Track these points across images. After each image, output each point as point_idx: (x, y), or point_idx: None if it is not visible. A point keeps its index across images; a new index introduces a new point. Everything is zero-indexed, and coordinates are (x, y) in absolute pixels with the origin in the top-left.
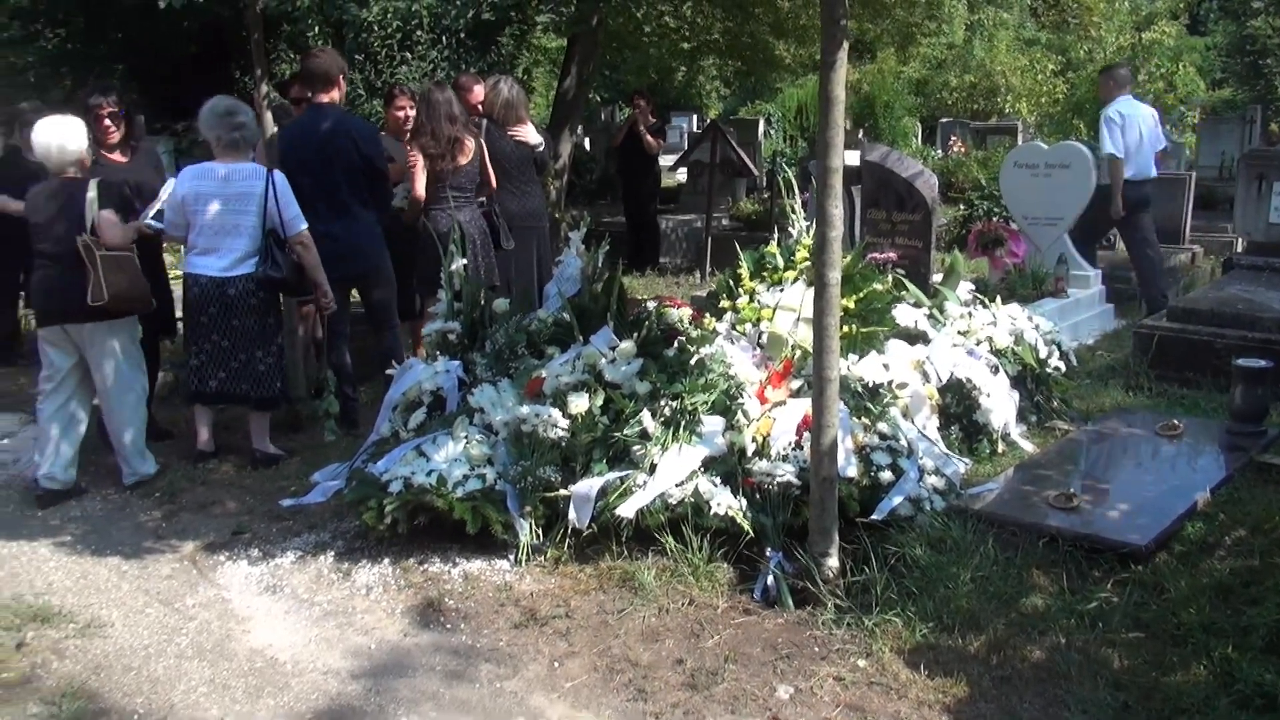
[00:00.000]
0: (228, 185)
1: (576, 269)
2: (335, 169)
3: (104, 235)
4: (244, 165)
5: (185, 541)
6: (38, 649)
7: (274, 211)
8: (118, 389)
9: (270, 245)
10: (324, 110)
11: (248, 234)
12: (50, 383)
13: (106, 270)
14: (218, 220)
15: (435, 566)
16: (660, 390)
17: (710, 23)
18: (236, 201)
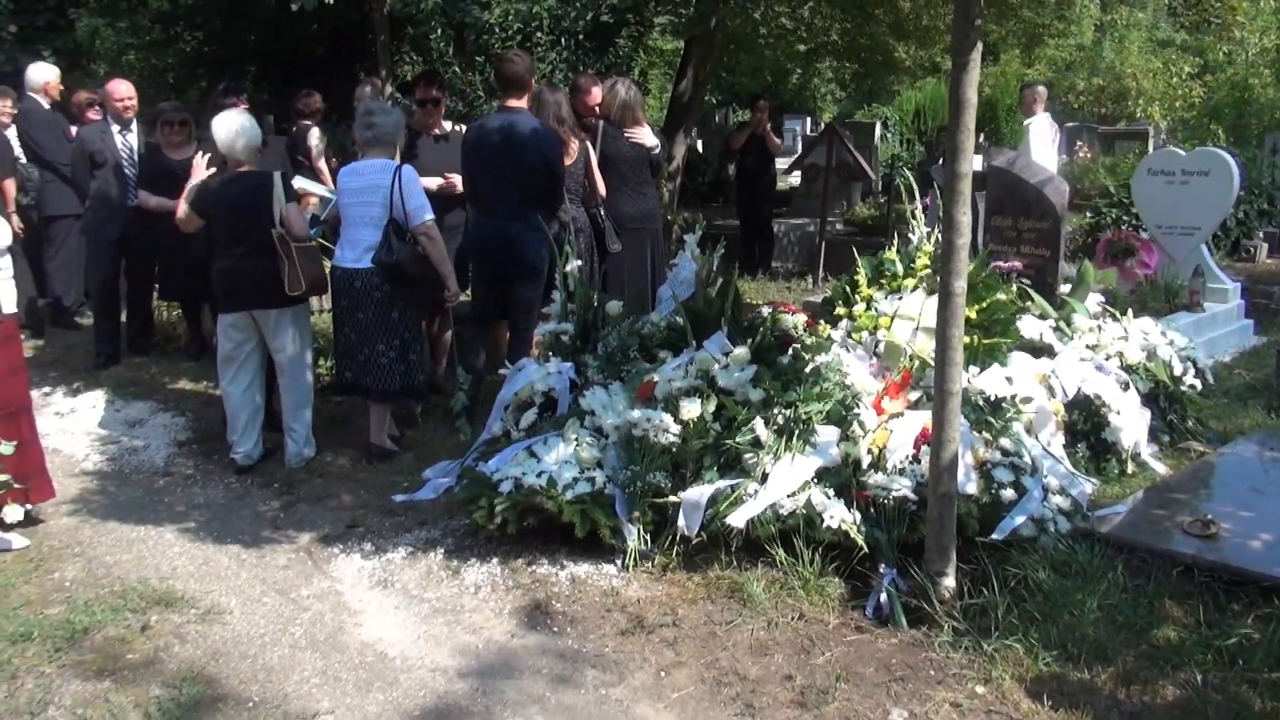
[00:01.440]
0: (360, 179)
1: (691, 272)
2: (515, 170)
3: (292, 227)
4: (375, 161)
5: (302, 532)
6: (161, 632)
7: (398, 203)
8: (297, 370)
9: (389, 234)
10: (512, 113)
11: (374, 225)
12: (232, 365)
13: (301, 260)
14: (352, 214)
15: (543, 568)
16: (774, 398)
17: (828, 24)
18: (366, 194)
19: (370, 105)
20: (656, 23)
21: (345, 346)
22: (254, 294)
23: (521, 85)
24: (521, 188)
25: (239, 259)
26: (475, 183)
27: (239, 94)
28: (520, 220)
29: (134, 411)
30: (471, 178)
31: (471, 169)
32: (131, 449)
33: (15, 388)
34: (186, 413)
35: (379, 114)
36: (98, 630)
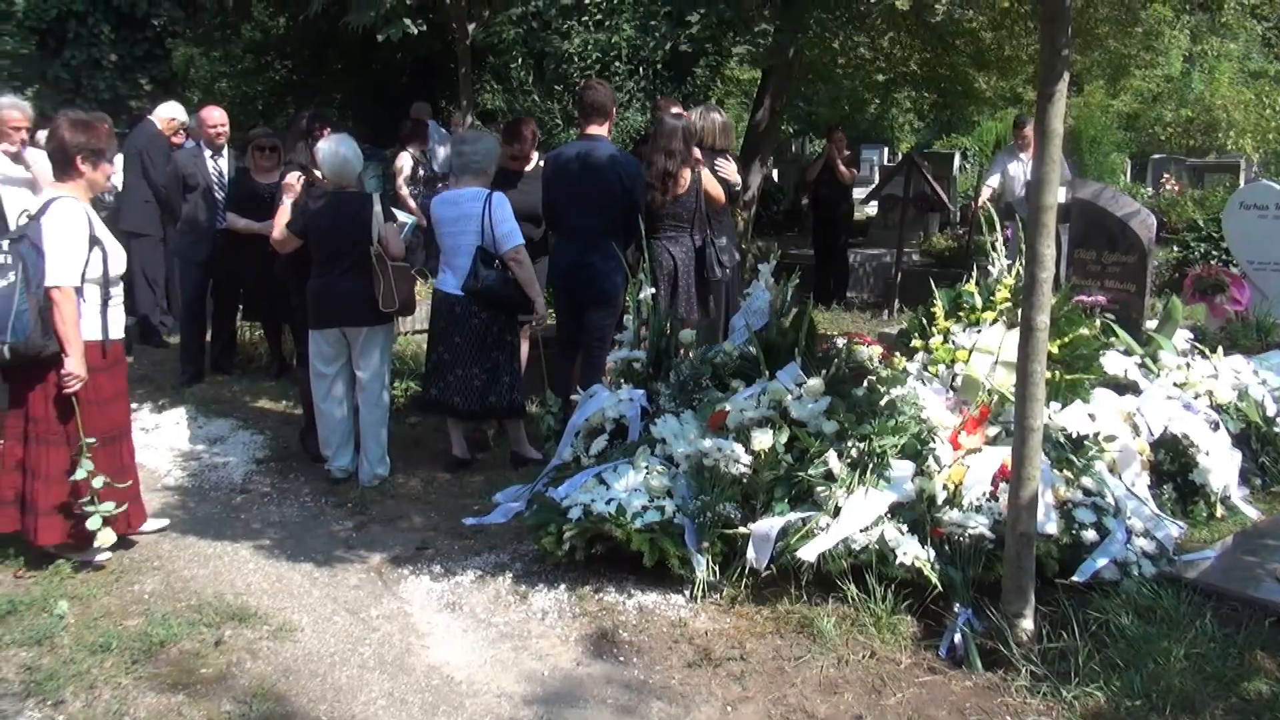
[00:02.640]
0: (455, 208)
1: (765, 302)
2: (595, 197)
3: (390, 247)
4: (468, 190)
5: (373, 553)
6: (234, 647)
7: (488, 229)
8: (377, 389)
9: (476, 261)
10: (591, 141)
11: (468, 252)
12: (325, 382)
13: (396, 279)
14: (449, 242)
15: (610, 596)
16: (847, 430)
17: (908, 54)
18: (461, 223)
19: (466, 135)
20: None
21: (436, 365)
22: (347, 312)
23: (603, 113)
24: (599, 215)
25: (335, 278)
26: (555, 210)
27: (324, 121)
28: (596, 248)
29: (215, 429)
30: (551, 205)
31: (551, 196)
32: (212, 465)
33: (120, 411)
34: (265, 431)
35: (470, 142)
36: (174, 644)
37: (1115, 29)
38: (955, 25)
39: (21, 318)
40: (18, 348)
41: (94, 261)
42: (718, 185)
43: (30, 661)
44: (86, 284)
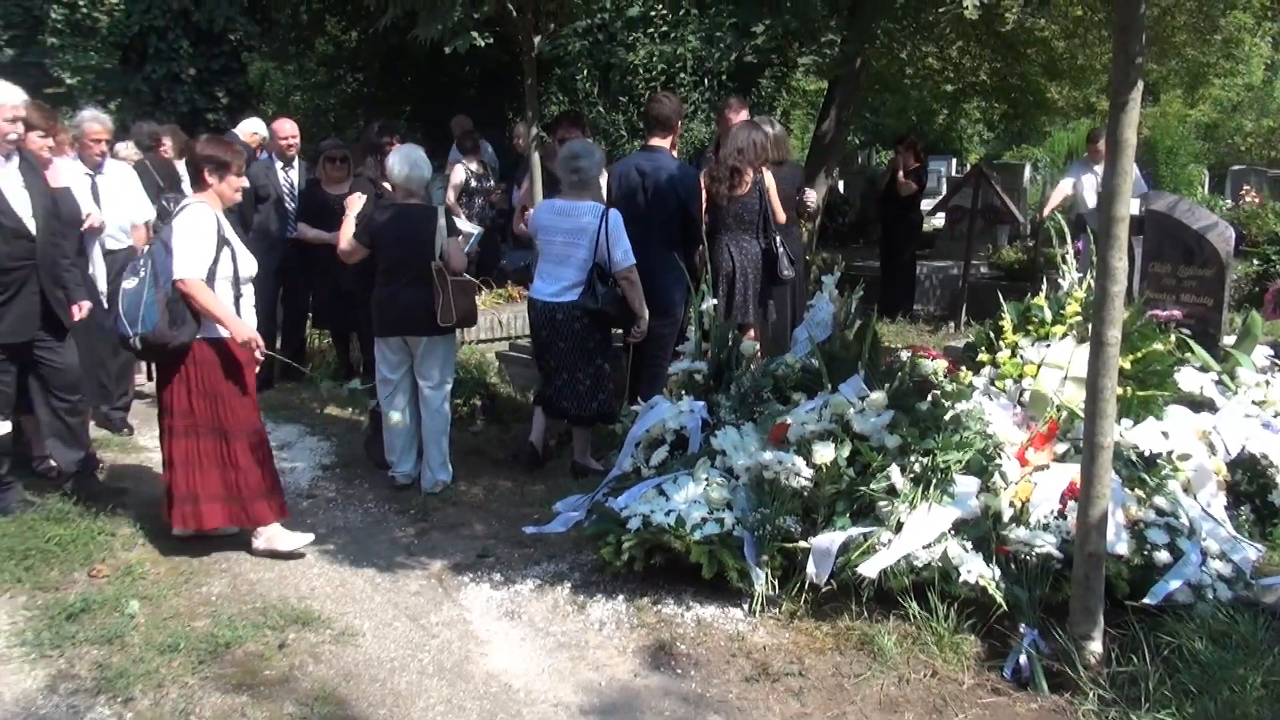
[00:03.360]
0: (567, 219)
1: (828, 314)
2: (653, 208)
3: (451, 261)
4: (584, 203)
5: (434, 560)
6: (297, 651)
7: (604, 246)
8: (439, 398)
9: (593, 278)
10: (653, 152)
11: (577, 265)
12: (389, 388)
13: (456, 294)
14: (556, 250)
15: (668, 608)
16: (911, 445)
17: (977, 64)
18: (573, 235)
19: (575, 147)
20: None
21: (546, 371)
22: (408, 322)
23: (667, 125)
24: (659, 225)
25: (398, 288)
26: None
27: (393, 133)
28: (656, 258)
29: (284, 434)
30: None
31: (613, 206)
32: (279, 470)
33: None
34: (332, 437)
35: (584, 157)
36: (239, 645)
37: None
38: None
39: (150, 310)
40: (147, 338)
41: (224, 261)
42: (776, 201)
43: (102, 659)
44: (218, 282)
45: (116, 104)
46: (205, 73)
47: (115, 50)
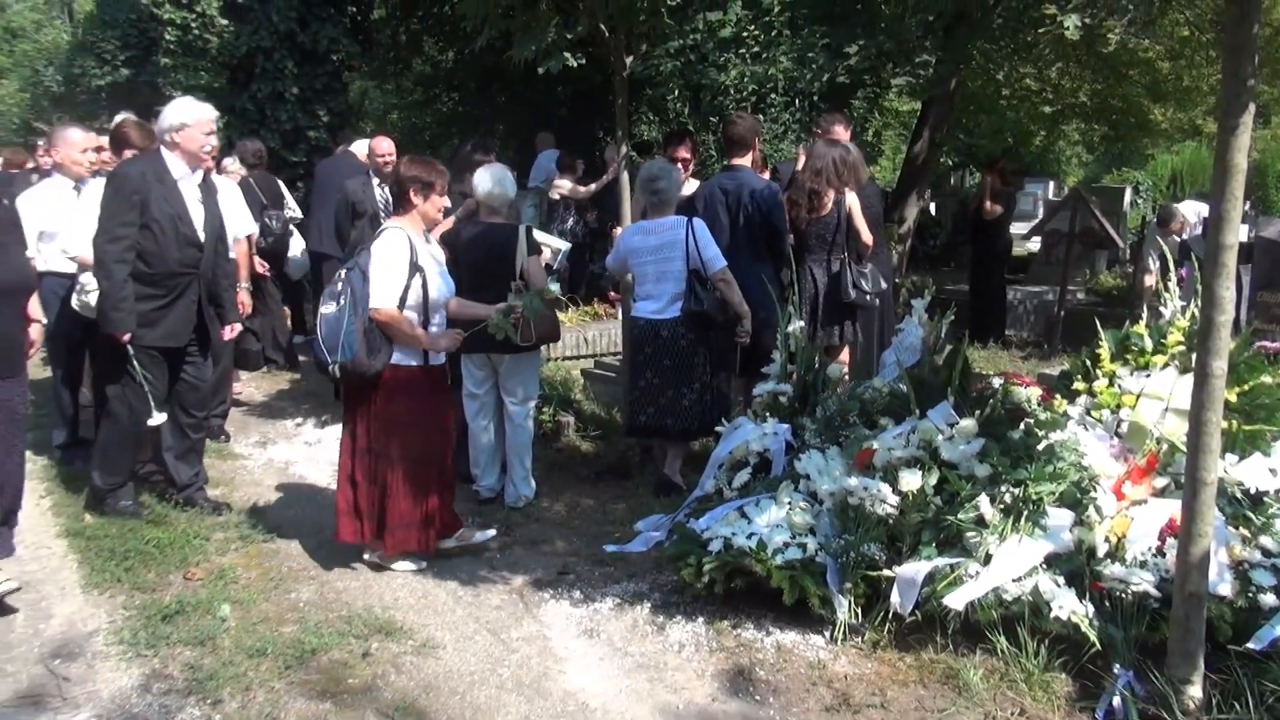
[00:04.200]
0: (653, 237)
1: (917, 338)
2: (739, 225)
3: (533, 279)
4: (666, 219)
5: (515, 575)
6: (380, 660)
7: (694, 254)
8: (523, 413)
9: (693, 283)
10: (736, 172)
11: (675, 277)
12: (475, 403)
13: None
14: (650, 269)
15: (748, 633)
16: (1001, 474)
17: (1077, 85)
18: (663, 250)
19: (654, 169)
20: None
21: (645, 391)
22: (491, 339)
23: (745, 145)
24: (746, 243)
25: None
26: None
27: (488, 150)
28: (744, 274)
29: None
30: None
31: None
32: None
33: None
34: None
35: (663, 178)
36: (324, 652)
37: None
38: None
39: (349, 338)
40: (346, 366)
41: (414, 288)
42: (864, 223)
43: (193, 660)
44: (406, 310)
45: (224, 122)
46: (308, 91)
47: (224, 70)
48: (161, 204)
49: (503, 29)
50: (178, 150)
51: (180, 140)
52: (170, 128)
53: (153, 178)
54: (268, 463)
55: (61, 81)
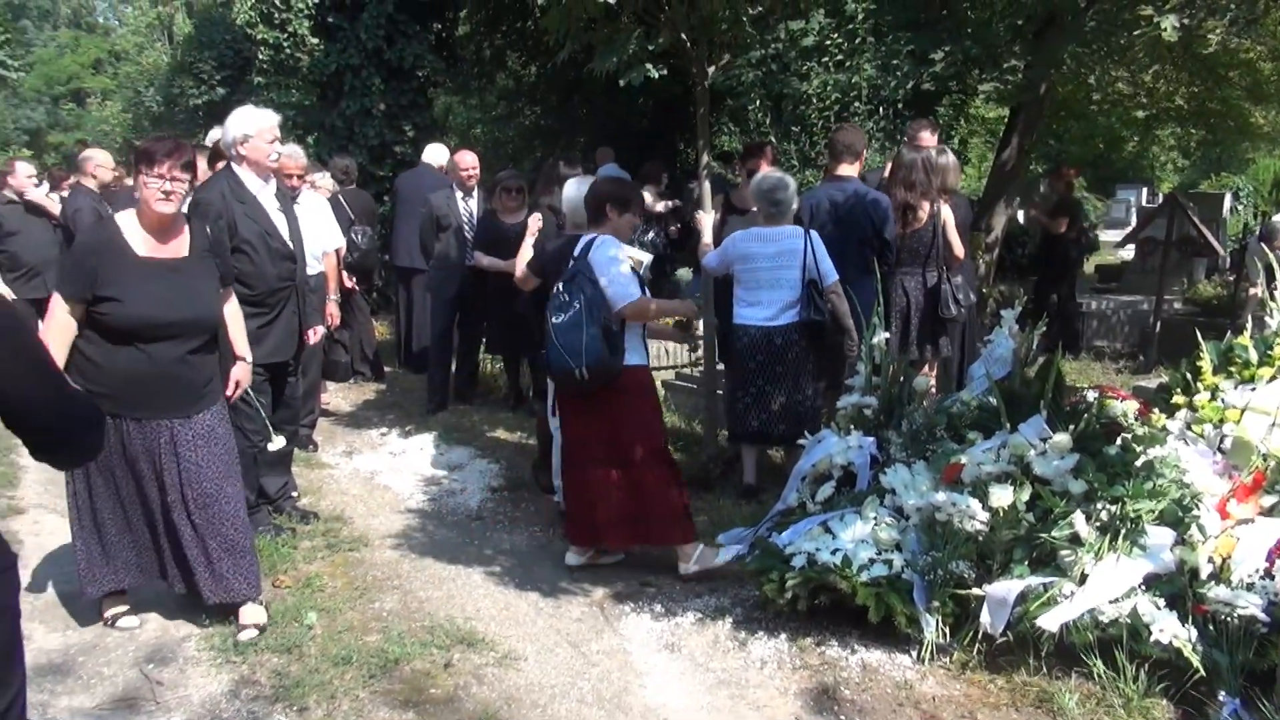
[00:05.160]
0: (771, 244)
1: (1007, 350)
2: (846, 236)
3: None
4: (785, 228)
5: (596, 587)
6: (462, 671)
7: (811, 265)
8: None
9: (811, 293)
10: (842, 181)
11: (789, 286)
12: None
13: None
14: (763, 275)
15: (833, 650)
16: (1097, 491)
17: (1173, 88)
18: (780, 258)
19: (773, 180)
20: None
21: (757, 398)
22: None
23: (853, 153)
24: (853, 253)
25: None
26: None
27: (573, 164)
28: (851, 285)
29: (455, 456)
30: None
31: None
32: (450, 491)
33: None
34: (501, 460)
35: (781, 189)
36: (407, 662)
37: None
38: (1230, 56)
39: (592, 343)
40: (594, 369)
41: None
42: (956, 234)
43: (280, 667)
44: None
45: (314, 138)
46: (394, 107)
47: (314, 88)
48: (248, 223)
49: (584, 42)
50: (246, 163)
51: (247, 152)
52: (235, 141)
53: (232, 198)
54: (354, 472)
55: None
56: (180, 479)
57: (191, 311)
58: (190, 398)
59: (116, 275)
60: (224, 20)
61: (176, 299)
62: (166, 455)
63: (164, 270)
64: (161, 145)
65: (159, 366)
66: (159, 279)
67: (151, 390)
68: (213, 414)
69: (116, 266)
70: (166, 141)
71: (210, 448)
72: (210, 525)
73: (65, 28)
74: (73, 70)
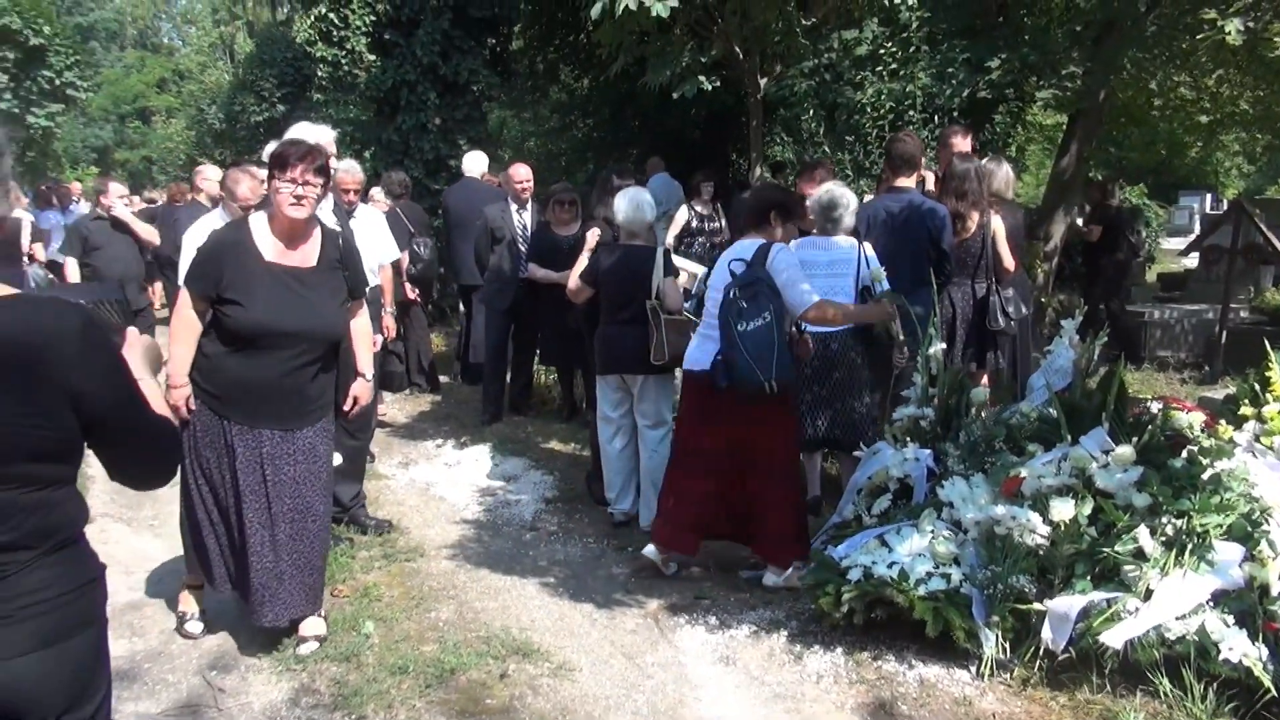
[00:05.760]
0: (828, 252)
1: (1068, 360)
2: (903, 247)
3: (668, 300)
4: (838, 238)
5: (650, 599)
6: (517, 681)
7: (865, 274)
8: (656, 436)
9: (865, 300)
10: (900, 193)
11: (843, 293)
12: (611, 425)
13: (669, 333)
14: (820, 283)
15: (889, 665)
16: (1162, 505)
17: (1238, 93)
18: (836, 266)
19: (833, 197)
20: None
21: (813, 404)
22: (626, 360)
23: (912, 164)
24: (910, 264)
25: (620, 325)
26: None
27: (628, 176)
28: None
29: (510, 467)
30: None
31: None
32: (505, 502)
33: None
34: (555, 472)
35: (840, 206)
36: (463, 672)
37: None
38: None
39: (782, 355)
40: (782, 382)
41: None
42: (1006, 245)
43: (339, 676)
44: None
45: (370, 153)
46: (449, 122)
47: (371, 103)
48: None
49: (637, 55)
50: None
51: None
52: None
53: None
54: (410, 483)
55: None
56: (268, 492)
57: (310, 324)
58: (297, 412)
59: (241, 278)
60: (284, 39)
61: (297, 309)
62: (267, 465)
63: (289, 278)
64: (295, 149)
65: (269, 375)
66: (282, 287)
67: (258, 398)
68: (316, 430)
69: (242, 269)
70: (301, 145)
71: (309, 464)
72: (292, 541)
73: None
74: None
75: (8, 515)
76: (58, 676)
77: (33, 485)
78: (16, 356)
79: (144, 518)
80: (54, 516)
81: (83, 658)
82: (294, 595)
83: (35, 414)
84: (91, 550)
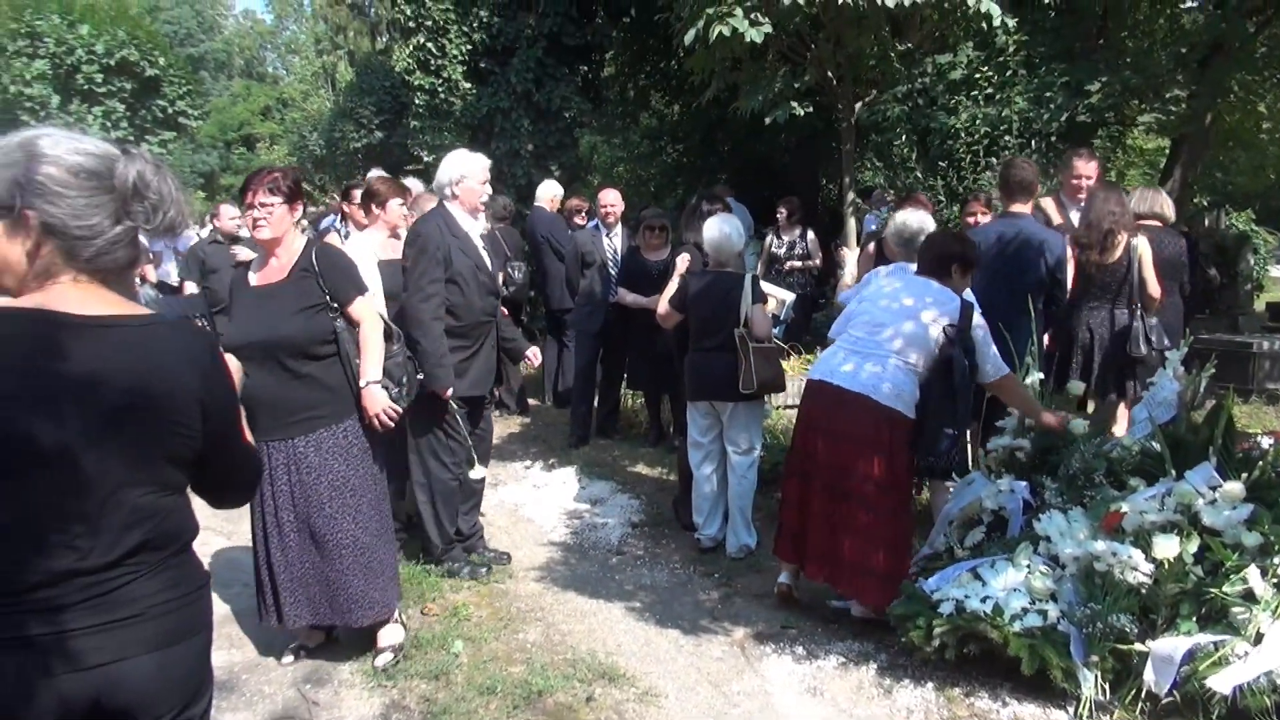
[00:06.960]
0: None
1: (1172, 392)
2: (1014, 274)
3: (756, 328)
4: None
5: (737, 627)
6: (603, 706)
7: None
8: (745, 463)
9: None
10: (1015, 219)
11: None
12: (700, 451)
13: (758, 360)
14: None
15: (982, 702)
16: (1274, 545)
17: None
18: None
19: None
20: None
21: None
22: (716, 387)
23: (1028, 191)
24: (1018, 292)
25: (708, 353)
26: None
27: (718, 202)
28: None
29: (596, 490)
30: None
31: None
32: (592, 525)
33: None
34: (641, 496)
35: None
36: (550, 694)
37: None
38: None
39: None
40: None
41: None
42: (1153, 271)
43: (429, 694)
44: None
45: None
46: (542, 148)
47: (465, 130)
48: (461, 256)
49: (730, 82)
50: (458, 202)
51: (460, 192)
52: (450, 181)
53: (447, 232)
54: (499, 504)
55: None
56: (294, 501)
57: (261, 334)
58: (281, 421)
59: (231, 302)
60: (383, 68)
61: (251, 322)
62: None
63: (261, 294)
64: (252, 176)
65: (254, 390)
66: (250, 304)
67: (251, 411)
68: (309, 441)
69: (234, 294)
70: (255, 171)
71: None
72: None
73: (239, 78)
74: (244, 117)
75: (146, 518)
76: (172, 677)
77: (166, 489)
78: (163, 367)
79: (243, 531)
80: (178, 522)
81: (193, 661)
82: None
83: (179, 419)
84: (199, 559)
